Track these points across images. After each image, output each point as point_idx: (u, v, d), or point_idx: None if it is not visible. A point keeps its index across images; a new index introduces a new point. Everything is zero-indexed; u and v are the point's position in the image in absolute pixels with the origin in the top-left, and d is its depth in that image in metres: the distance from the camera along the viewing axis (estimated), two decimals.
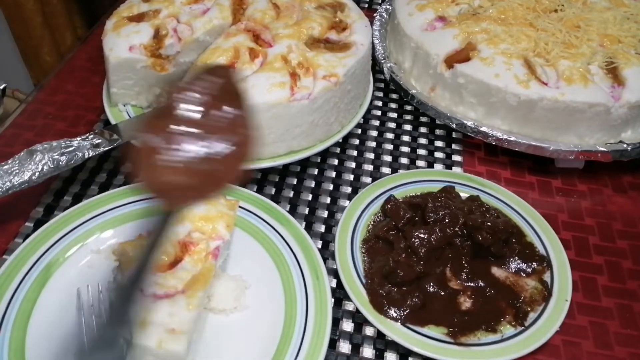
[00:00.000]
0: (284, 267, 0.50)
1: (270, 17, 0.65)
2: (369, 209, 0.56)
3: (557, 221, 0.60)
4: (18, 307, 0.47)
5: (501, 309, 0.49)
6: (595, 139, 0.64)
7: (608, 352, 0.49)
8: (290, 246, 0.52)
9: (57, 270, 0.50)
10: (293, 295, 0.48)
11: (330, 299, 0.48)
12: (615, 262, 0.56)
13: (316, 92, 0.57)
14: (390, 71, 0.73)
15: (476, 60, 0.65)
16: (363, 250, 0.53)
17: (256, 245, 0.52)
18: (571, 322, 0.50)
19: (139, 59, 0.61)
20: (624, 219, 0.61)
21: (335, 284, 0.52)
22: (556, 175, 0.65)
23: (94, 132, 0.58)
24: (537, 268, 0.52)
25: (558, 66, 0.63)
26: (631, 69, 0.63)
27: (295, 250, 0.51)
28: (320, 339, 0.45)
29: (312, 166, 0.65)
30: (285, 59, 0.59)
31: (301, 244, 0.52)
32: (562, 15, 0.71)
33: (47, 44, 1.18)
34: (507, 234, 0.52)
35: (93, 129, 0.68)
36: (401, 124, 0.72)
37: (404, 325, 0.47)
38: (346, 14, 0.67)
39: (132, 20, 0.64)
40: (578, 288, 0.53)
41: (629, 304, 0.52)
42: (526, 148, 0.63)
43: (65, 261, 0.50)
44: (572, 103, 0.61)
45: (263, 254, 0.52)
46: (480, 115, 0.66)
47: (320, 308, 0.47)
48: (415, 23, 0.72)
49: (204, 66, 0.53)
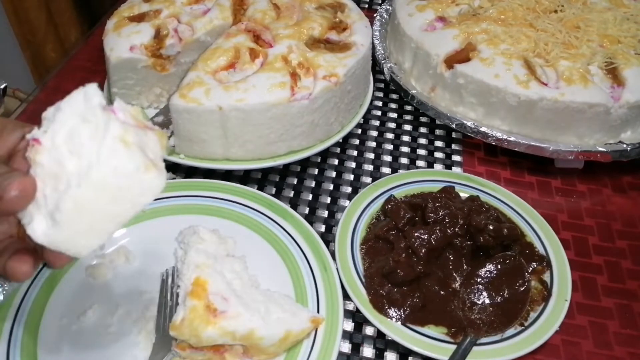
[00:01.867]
0: (291, 262, 0.51)
1: (271, 17, 0.65)
2: (369, 209, 0.57)
3: (557, 221, 0.60)
4: (29, 308, 0.47)
5: None
6: (595, 139, 0.64)
7: (607, 351, 0.49)
8: (296, 240, 0.52)
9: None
10: (303, 290, 0.49)
11: (339, 289, 0.48)
12: (614, 262, 0.56)
13: (316, 92, 0.57)
14: (390, 71, 0.73)
15: (476, 61, 0.65)
16: (363, 250, 0.53)
17: (261, 241, 0.53)
18: (571, 322, 0.50)
19: (140, 59, 0.62)
20: (624, 219, 0.61)
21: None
22: (556, 175, 0.65)
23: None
24: (536, 268, 0.52)
25: (558, 66, 0.64)
26: (631, 70, 0.63)
27: (301, 243, 0.52)
28: (334, 332, 0.45)
29: (313, 166, 0.65)
30: (285, 59, 0.59)
31: (306, 238, 0.52)
32: (562, 15, 0.71)
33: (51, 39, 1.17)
34: (510, 239, 0.52)
35: None
36: (401, 124, 0.72)
37: (404, 325, 0.47)
38: (346, 15, 0.67)
39: (133, 20, 0.64)
40: (577, 288, 0.53)
41: (628, 304, 0.52)
42: (526, 148, 0.63)
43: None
44: (571, 103, 0.61)
45: (269, 249, 0.52)
46: (480, 115, 0.66)
47: (331, 299, 0.47)
48: (415, 23, 0.72)
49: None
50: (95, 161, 0.27)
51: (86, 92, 0.29)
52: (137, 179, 0.28)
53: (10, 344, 0.44)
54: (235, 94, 0.55)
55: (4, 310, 0.46)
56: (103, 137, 0.28)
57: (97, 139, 0.28)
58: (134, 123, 0.30)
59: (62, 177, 0.28)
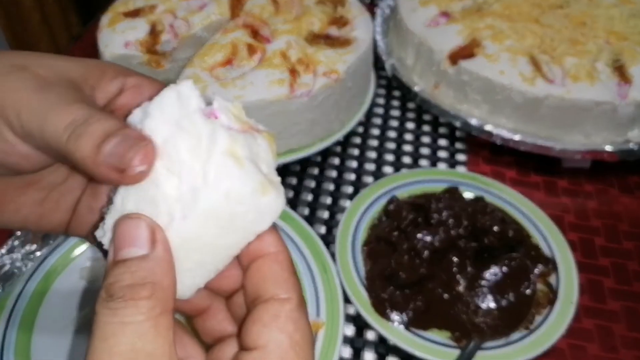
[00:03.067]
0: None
1: (269, 12, 0.64)
2: (370, 210, 0.55)
3: (564, 222, 0.59)
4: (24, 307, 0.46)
5: None
6: (602, 138, 0.63)
7: (614, 355, 0.48)
8: (295, 242, 0.51)
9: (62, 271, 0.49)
10: (303, 293, 0.47)
11: (340, 292, 0.47)
12: (621, 264, 0.55)
13: (316, 89, 0.56)
14: (392, 68, 0.71)
15: (481, 57, 0.63)
16: (364, 252, 0.52)
17: None
18: (577, 325, 0.49)
19: (135, 56, 0.60)
20: (630, 220, 0.60)
21: None
22: (562, 175, 0.64)
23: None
24: (542, 270, 0.51)
25: (564, 63, 0.62)
26: (638, 67, 0.62)
27: (301, 245, 0.51)
28: (334, 336, 0.44)
29: (313, 165, 0.64)
30: (284, 55, 0.58)
31: (306, 239, 0.51)
32: (567, 11, 0.69)
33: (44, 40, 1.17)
34: (515, 241, 0.51)
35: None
36: (404, 122, 0.71)
37: (406, 329, 0.46)
38: (347, 9, 0.66)
39: (128, 15, 0.63)
40: (584, 290, 0.52)
41: (635, 307, 0.51)
42: (532, 148, 0.62)
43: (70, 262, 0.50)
44: (578, 101, 0.59)
45: None
46: (484, 113, 0.64)
47: (332, 303, 0.46)
48: (418, 19, 0.71)
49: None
50: (202, 184, 0.21)
51: (180, 93, 0.23)
52: (253, 203, 0.22)
53: (3, 348, 0.43)
54: (233, 91, 0.54)
55: None
56: (209, 153, 0.22)
57: (201, 154, 0.22)
58: (239, 127, 0.23)
59: (160, 203, 0.22)
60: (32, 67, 0.23)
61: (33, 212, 0.26)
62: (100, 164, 0.20)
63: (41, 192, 0.26)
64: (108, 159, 0.20)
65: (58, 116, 0.21)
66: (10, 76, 0.22)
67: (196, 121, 0.22)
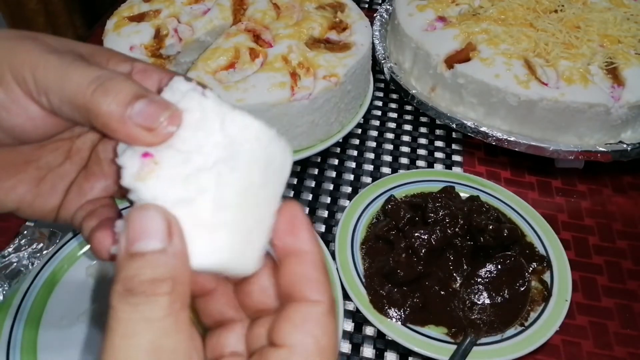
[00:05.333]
0: None
1: (271, 17, 0.65)
2: (369, 209, 0.56)
3: (557, 221, 0.60)
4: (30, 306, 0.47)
5: None
6: (595, 139, 0.64)
7: (608, 352, 0.49)
8: None
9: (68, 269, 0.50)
10: None
11: (339, 289, 0.48)
12: (615, 263, 0.56)
13: (316, 92, 0.57)
14: (390, 71, 0.73)
15: (476, 61, 0.65)
16: (363, 250, 0.53)
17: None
18: (571, 322, 0.50)
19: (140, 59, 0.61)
20: (624, 219, 0.61)
21: None
22: (556, 175, 0.65)
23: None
24: (537, 268, 0.52)
25: (558, 66, 0.63)
26: (631, 69, 0.63)
27: None
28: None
29: (312, 166, 0.65)
30: (285, 59, 0.59)
31: None
32: (562, 15, 0.71)
33: None
34: (510, 239, 0.52)
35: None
36: (401, 124, 0.72)
37: (404, 325, 0.47)
38: (346, 14, 0.67)
39: (133, 20, 0.64)
40: (578, 288, 0.53)
41: (628, 304, 0.52)
42: (526, 148, 0.63)
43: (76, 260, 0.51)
44: (572, 103, 0.61)
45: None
46: (480, 115, 0.66)
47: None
48: (415, 23, 0.72)
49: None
50: (230, 140, 0.21)
51: (172, 88, 0.23)
52: (277, 144, 0.22)
53: (10, 344, 0.44)
54: (235, 94, 0.55)
55: (4, 310, 0.46)
56: (222, 116, 0.21)
57: (215, 120, 0.21)
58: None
59: (197, 162, 0.20)
60: (44, 39, 0.23)
61: (29, 191, 0.26)
62: (126, 120, 0.20)
63: (39, 171, 0.26)
64: (137, 116, 0.20)
65: (82, 71, 0.21)
66: (25, 41, 0.22)
67: (193, 97, 0.22)
